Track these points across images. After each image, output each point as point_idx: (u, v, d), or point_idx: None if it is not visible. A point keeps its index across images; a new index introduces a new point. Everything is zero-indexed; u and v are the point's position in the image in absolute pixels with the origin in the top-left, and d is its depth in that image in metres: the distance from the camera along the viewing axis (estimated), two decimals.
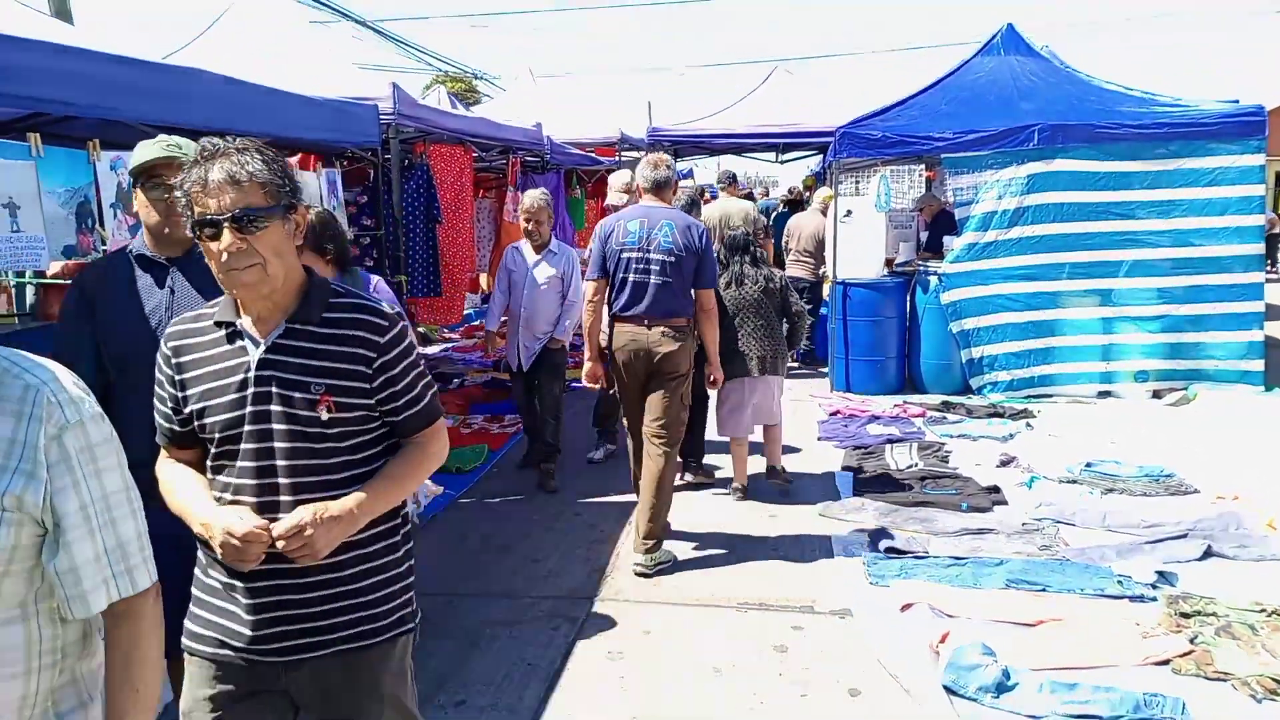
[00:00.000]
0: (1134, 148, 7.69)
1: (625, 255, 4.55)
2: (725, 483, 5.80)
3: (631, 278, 4.52)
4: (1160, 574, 4.16)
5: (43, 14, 6.06)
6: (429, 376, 1.98)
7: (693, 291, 4.59)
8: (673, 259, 4.49)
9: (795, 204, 13.99)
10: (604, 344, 4.74)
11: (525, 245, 5.86)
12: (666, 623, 4.00)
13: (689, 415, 4.92)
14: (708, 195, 13.27)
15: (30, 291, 6.90)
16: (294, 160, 5.71)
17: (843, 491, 5.63)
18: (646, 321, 4.52)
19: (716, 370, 4.89)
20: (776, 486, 5.68)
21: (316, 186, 5.00)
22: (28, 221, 2.88)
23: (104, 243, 3.23)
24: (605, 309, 4.70)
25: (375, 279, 3.65)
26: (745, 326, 5.46)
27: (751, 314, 5.47)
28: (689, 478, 5.85)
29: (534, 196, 5.75)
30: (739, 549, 4.83)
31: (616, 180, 6.26)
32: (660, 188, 4.69)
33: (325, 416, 1.80)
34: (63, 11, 9.31)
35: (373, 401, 1.87)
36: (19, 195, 2.86)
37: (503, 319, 6.16)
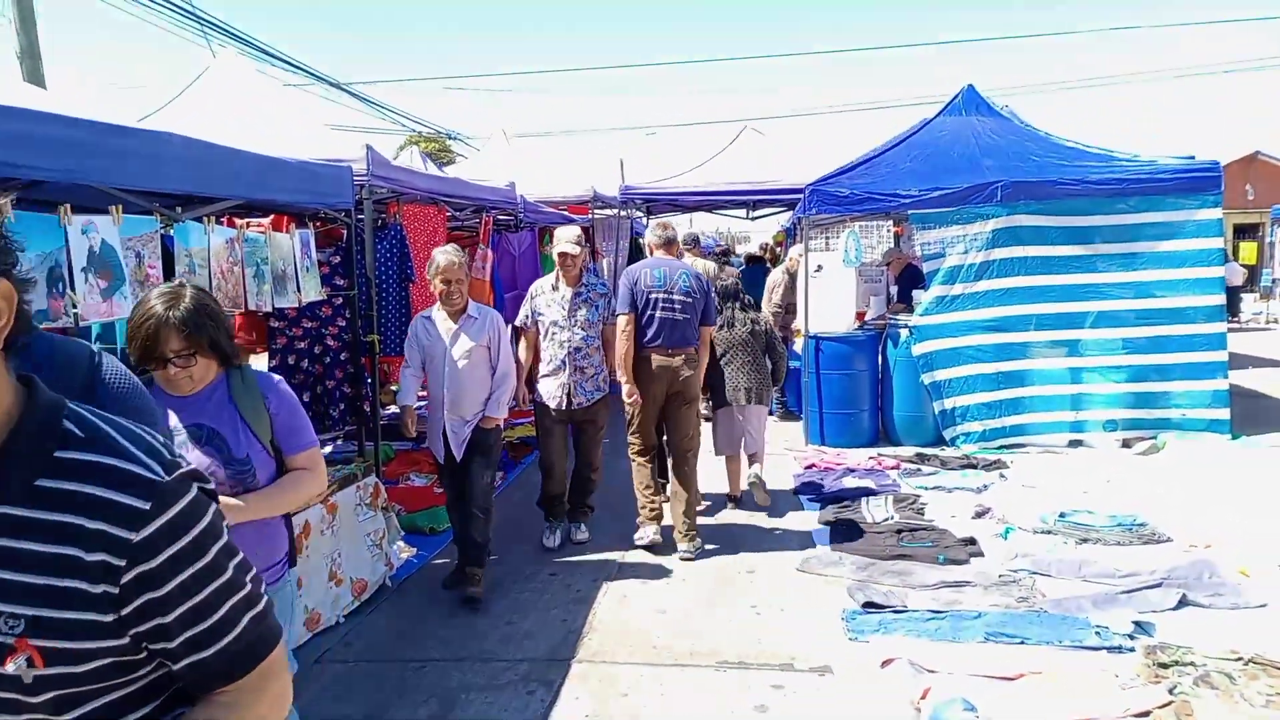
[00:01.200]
0: (1094, 203, 7.88)
1: (653, 296, 5.47)
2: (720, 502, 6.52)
3: (659, 314, 5.44)
4: (1137, 624, 4.17)
5: (15, 80, 6.10)
6: (248, 588, 1.16)
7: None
8: (690, 300, 5.51)
9: (757, 259, 14.23)
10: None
11: (437, 313, 4.94)
12: (645, 684, 3.94)
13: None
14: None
15: None
16: (266, 222, 5.72)
17: (819, 545, 5.61)
18: (670, 351, 5.46)
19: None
20: (759, 497, 6.41)
21: (290, 247, 4.99)
22: None
23: (75, 306, 3.20)
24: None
25: (277, 379, 2.74)
26: (734, 363, 6.31)
27: (740, 351, 6.31)
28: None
29: (449, 255, 4.84)
30: (717, 606, 4.79)
31: (569, 232, 5.76)
32: (669, 244, 5.79)
33: (29, 676, 1.02)
34: (35, 78, 9.34)
35: (125, 641, 1.07)
36: None
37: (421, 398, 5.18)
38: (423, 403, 5.20)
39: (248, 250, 4.53)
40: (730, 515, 6.40)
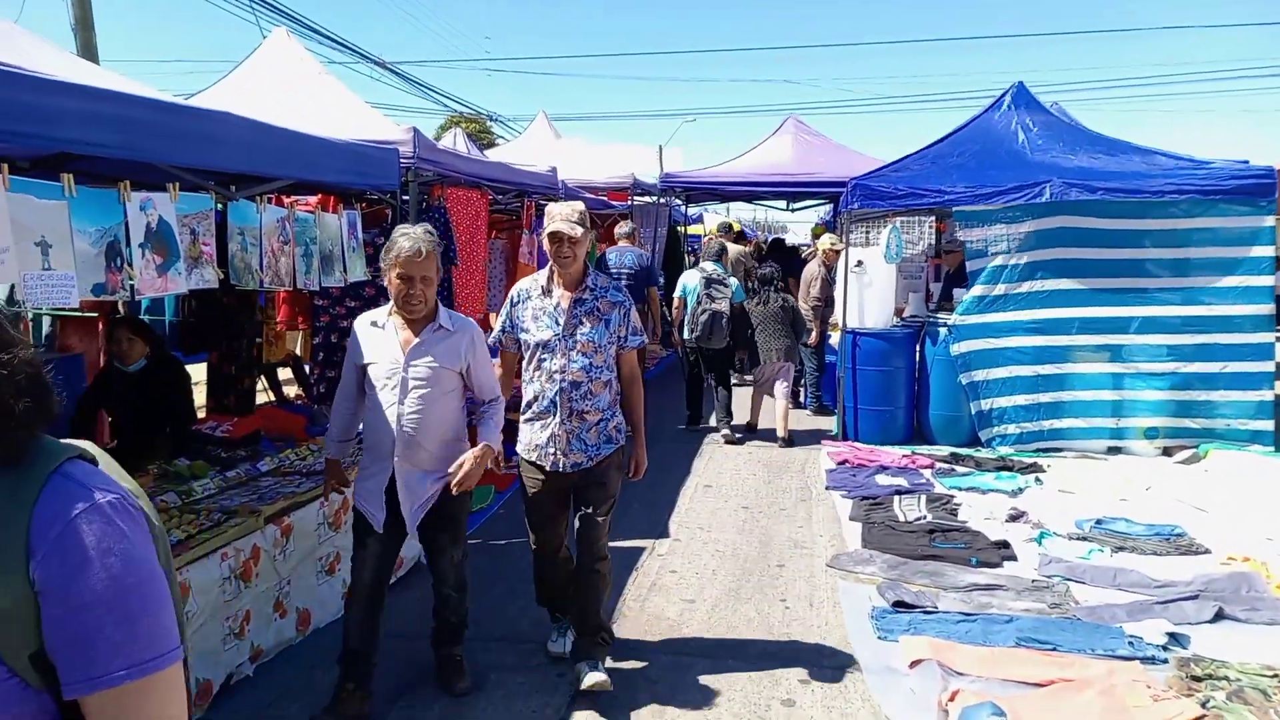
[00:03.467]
0: (1145, 206, 7.74)
1: (613, 271, 8.46)
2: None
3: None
4: (1171, 635, 4.13)
5: (69, 53, 6.20)
6: None
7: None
8: (635, 271, 8.59)
9: (787, 251, 14.32)
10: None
11: (390, 318, 3.54)
12: (673, 672, 3.98)
13: (723, 392, 8.59)
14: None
15: (47, 322, 6.98)
16: (313, 201, 5.80)
17: (850, 543, 5.61)
18: None
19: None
20: (782, 444, 8.28)
21: (337, 227, 5.06)
22: (59, 260, 2.93)
23: (131, 280, 3.28)
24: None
25: (81, 512, 1.06)
26: (768, 330, 8.39)
27: (772, 322, 8.40)
28: (723, 433, 8.51)
29: (415, 238, 3.39)
30: (746, 600, 4.81)
31: (565, 207, 4.79)
32: (627, 237, 8.90)
33: None
34: (89, 50, 9.50)
35: None
36: (51, 234, 2.92)
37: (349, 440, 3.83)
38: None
39: (297, 230, 4.60)
40: (761, 509, 6.42)
